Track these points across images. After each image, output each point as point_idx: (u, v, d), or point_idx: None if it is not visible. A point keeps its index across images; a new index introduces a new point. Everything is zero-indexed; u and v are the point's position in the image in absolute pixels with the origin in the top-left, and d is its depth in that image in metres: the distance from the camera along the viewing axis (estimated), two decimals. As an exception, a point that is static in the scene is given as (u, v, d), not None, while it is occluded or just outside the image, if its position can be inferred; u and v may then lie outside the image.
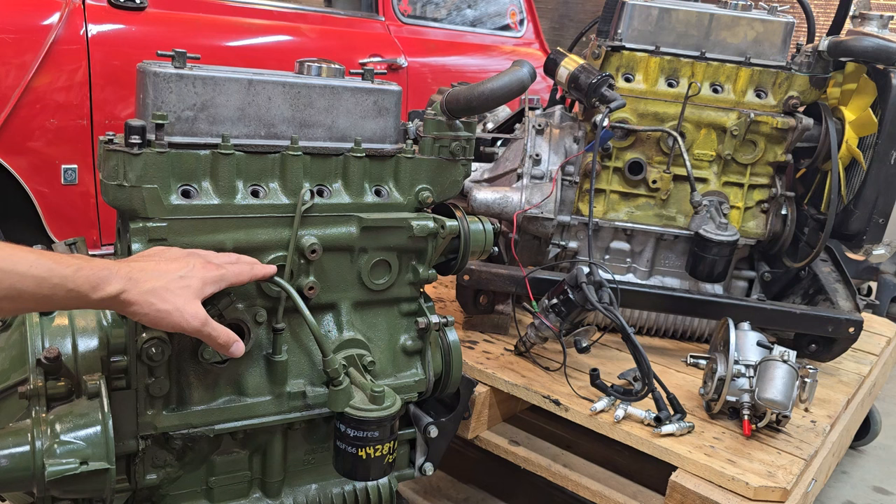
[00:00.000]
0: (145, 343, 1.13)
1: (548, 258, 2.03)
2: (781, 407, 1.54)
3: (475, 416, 1.73)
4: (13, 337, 1.19)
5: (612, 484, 1.66)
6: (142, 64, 1.18)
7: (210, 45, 2.75)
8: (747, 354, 1.62)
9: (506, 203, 1.95)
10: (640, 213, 2.03)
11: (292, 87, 1.26)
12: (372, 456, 1.21)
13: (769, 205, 2.03)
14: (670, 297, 1.94)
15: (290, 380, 1.29)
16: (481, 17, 3.93)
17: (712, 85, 1.98)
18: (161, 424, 1.19)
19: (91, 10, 2.47)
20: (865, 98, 1.92)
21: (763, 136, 1.97)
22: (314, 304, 1.30)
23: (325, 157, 1.29)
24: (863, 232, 1.94)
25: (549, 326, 1.74)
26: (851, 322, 1.87)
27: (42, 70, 2.34)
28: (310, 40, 3.08)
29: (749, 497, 1.41)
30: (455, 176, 1.41)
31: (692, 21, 1.96)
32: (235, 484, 1.33)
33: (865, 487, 2.44)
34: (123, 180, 1.12)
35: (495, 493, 2.13)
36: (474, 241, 1.44)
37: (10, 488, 1.02)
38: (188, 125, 1.19)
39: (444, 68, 3.62)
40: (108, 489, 1.05)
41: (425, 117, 1.39)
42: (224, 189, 1.20)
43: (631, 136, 1.98)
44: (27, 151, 2.39)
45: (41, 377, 1.08)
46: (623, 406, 1.61)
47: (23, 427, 1.03)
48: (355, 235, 1.31)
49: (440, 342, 1.46)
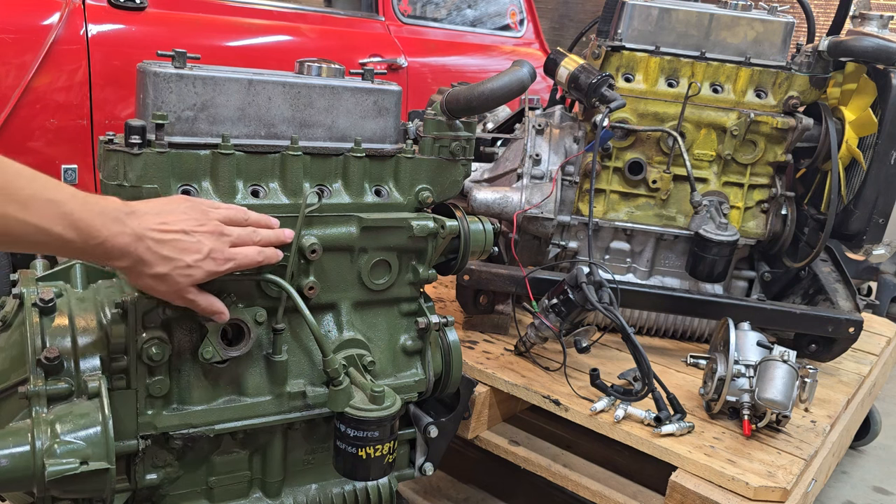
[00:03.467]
0: (145, 343, 1.13)
1: (548, 258, 2.03)
2: (781, 407, 1.54)
3: (475, 416, 1.73)
4: (13, 337, 1.19)
5: (612, 484, 1.66)
6: (142, 64, 1.18)
7: (210, 45, 2.75)
8: (747, 354, 1.62)
9: (506, 203, 1.95)
10: (640, 213, 2.03)
11: (292, 87, 1.26)
12: (372, 456, 1.21)
13: (769, 205, 2.03)
14: (670, 297, 1.94)
15: (290, 380, 1.29)
16: (481, 17, 3.93)
17: (712, 85, 1.98)
18: (161, 424, 1.19)
19: (91, 10, 2.47)
20: (865, 98, 1.92)
21: (763, 136, 1.97)
22: (314, 304, 1.30)
23: (325, 157, 1.29)
24: (863, 232, 1.94)
25: (549, 326, 1.74)
26: (851, 322, 1.87)
27: (42, 70, 2.34)
28: (310, 40, 3.08)
29: (749, 497, 1.41)
30: (455, 176, 1.41)
31: (692, 21, 1.96)
32: (235, 484, 1.33)
33: (865, 487, 2.44)
34: (123, 180, 1.13)
35: (495, 493, 2.13)
36: (474, 241, 1.44)
37: (10, 488, 1.01)
38: (188, 125, 1.19)
39: (444, 68, 3.62)
40: (109, 489, 1.05)
41: (425, 117, 1.39)
42: (224, 189, 1.20)
43: (631, 136, 1.98)
44: (27, 151, 2.38)
45: (41, 377, 1.08)
46: (623, 406, 1.61)
47: (23, 427, 1.03)
48: (355, 235, 1.31)
49: (440, 342, 1.46)
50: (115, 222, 0.98)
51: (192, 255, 1.05)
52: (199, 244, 1.06)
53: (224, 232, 1.10)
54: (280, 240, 1.18)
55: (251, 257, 1.13)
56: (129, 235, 0.99)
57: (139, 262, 1.01)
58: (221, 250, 1.08)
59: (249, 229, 1.14)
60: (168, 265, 1.04)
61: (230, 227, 1.11)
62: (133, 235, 1.00)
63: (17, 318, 1.21)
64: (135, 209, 1.03)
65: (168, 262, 1.04)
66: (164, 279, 1.04)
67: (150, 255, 1.02)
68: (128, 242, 0.99)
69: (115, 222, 0.98)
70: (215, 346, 1.16)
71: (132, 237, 1.00)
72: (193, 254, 1.06)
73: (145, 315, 1.15)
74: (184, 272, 1.05)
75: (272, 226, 1.19)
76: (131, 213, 1.01)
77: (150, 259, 1.02)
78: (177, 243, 1.04)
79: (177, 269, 1.04)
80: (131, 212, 1.02)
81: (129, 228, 0.99)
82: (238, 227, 1.13)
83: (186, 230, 1.06)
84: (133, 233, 1.00)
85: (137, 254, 1.01)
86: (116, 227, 0.98)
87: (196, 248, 1.06)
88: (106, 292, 1.24)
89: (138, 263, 1.02)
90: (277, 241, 1.18)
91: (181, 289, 1.07)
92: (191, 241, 1.06)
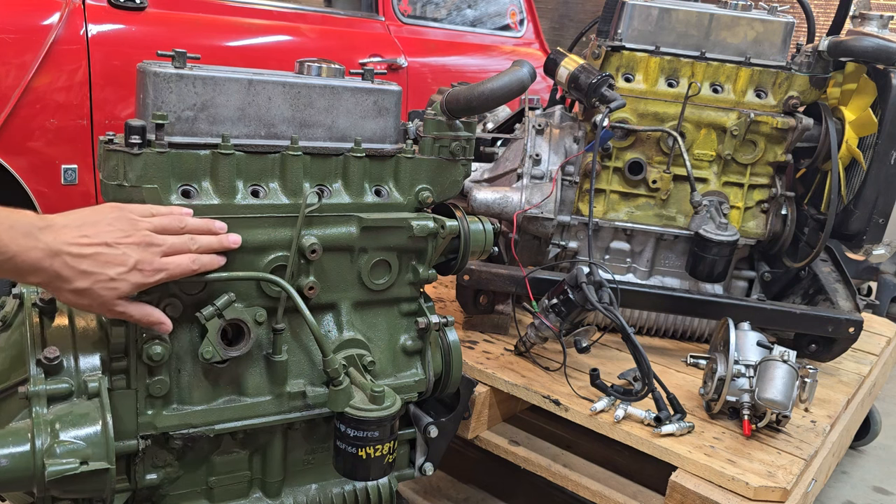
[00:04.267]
0: (145, 343, 1.13)
1: (548, 258, 2.03)
2: (781, 407, 1.54)
3: (475, 416, 1.73)
4: (13, 337, 1.19)
5: (612, 484, 1.66)
6: (142, 64, 1.18)
7: (210, 45, 2.75)
8: (747, 354, 1.62)
9: (506, 203, 1.95)
10: (640, 213, 2.03)
11: (292, 87, 1.26)
12: (372, 456, 1.21)
13: (769, 205, 2.03)
14: (670, 297, 1.94)
15: (290, 380, 1.29)
16: (481, 17, 3.93)
17: (712, 85, 1.98)
18: (161, 424, 1.19)
19: (91, 10, 2.47)
20: (865, 98, 1.92)
21: (763, 136, 1.97)
22: (314, 304, 1.30)
23: (325, 157, 1.29)
24: (863, 232, 1.94)
25: (549, 326, 1.74)
26: (851, 322, 1.87)
27: (42, 70, 2.34)
28: (310, 40, 3.08)
29: (749, 497, 1.41)
30: (455, 176, 1.41)
31: (692, 21, 1.96)
32: (235, 484, 1.33)
33: (865, 487, 2.44)
34: (123, 180, 1.12)
35: (495, 493, 2.13)
36: (474, 241, 1.44)
37: (10, 488, 1.01)
38: (188, 125, 1.19)
39: (444, 68, 3.62)
40: (108, 489, 1.05)
41: (425, 117, 1.39)
42: (224, 189, 1.20)
43: (631, 136, 1.98)
44: (27, 151, 2.38)
45: (41, 377, 1.08)
46: (623, 406, 1.61)
47: (23, 427, 1.03)
48: (355, 235, 1.31)
49: (440, 342, 1.46)
50: (25, 237, 0.95)
51: (116, 269, 1.02)
52: (123, 256, 1.03)
53: (153, 242, 1.06)
54: (223, 245, 1.14)
55: (184, 266, 1.09)
56: (42, 251, 0.96)
57: (55, 277, 0.98)
58: (150, 261, 1.05)
59: (186, 237, 1.10)
60: (88, 280, 1.00)
61: (161, 237, 1.07)
62: (46, 251, 0.97)
63: (17, 318, 1.21)
64: (51, 223, 0.99)
65: (88, 277, 1.00)
66: (86, 294, 1.01)
67: (68, 270, 0.98)
68: (39, 258, 0.96)
69: (25, 237, 0.95)
70: (215, 346, 1.16)
71: (45, 252, 0.97)
72: (117, 266, 1.02)
73: (145, 315, 1.15)
74: (107, 286, 1.02)
75: (215, 231, 1.14)
76: (46, 227, 0.98)
77: (68, 274, 0.99)
78: (98, 257, 1.01)
79: (98, 282, 1.01)
80: (46, 226, 0.98)
81: (41, 244, 0.96)
82: (172, 236, 1.08)
83: (109, 242, 1.02)
84: (47, 248, 0.97)
85: (53, 269, 0.97)
86: (27, 242, 0.95)
87: (120, 261, 1.02)
88: (106, 292, 1.24)
89: (54, 279, 0.98)
90: (220, 247, 1.14)
91: (106, 302, 1.03)
92: (114, 253, 1.02)
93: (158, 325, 1.11)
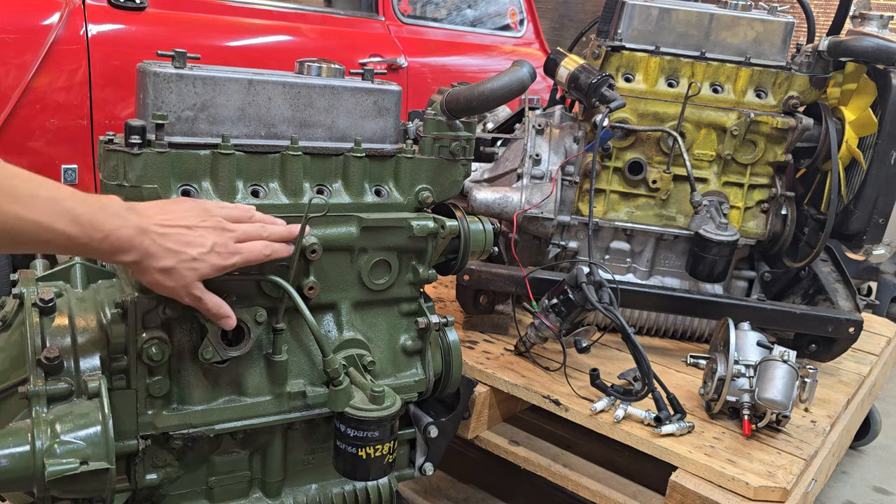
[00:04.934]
0: (145, 343, 1.13)
1: (548, 258, 2.03)
2: (781, 407, 1.54)
3: (475, 416, 1.73)
4: (13, 337, 1.19)
5: (612, 484, 1.66)
6: (142, 64, 1.18)
7: (210, 45, 2.75)
8: (747, 354, 1.62)
9: (506, 203, 1.95)
10: (640, 213, 2.03)
11: (292, 87, 1.26)
12: (372, 456, 1.21)
13: (769, 205, 2.03)
14: (670, 297, 1.94)
15: (290, 380, 1.29)
16: (481, 17, 3.93)
17: (712, 85, 1.98)
18: (161, 424, 1.19)
19: (91, 10, 2.47)
20: (865, 98, 1.92)
21: (763, 136, 1.97)
22: (314, 304, 1.30)
23: (325, 157, 1.29)
24: (863, 232, 1.94)
25: (549, 326, 1.74)
26: (851, 322, 1.87)
27: (42, 70, 2.34)
28: (310, 40, 3.08)
29: (749, 497, 1.41)
30: (455, 176, 1.41)
31: (692, 21, 1.96)
32: (235, 484, 1.33)
33: (865, 487, 2.44)
34: (123, 180, 1.13)
35: (495, 493, 2.13)
36: (474, 241, 1.44)
37: (10, 488, 1.02)
38: (188, 125, 1.19)
39: (444, 68, 3.62)
40: (109, 489, 1.05)
41: (425, 117, 1.39)
42: (224, 189, 1.20)
43: (631, 136, 1.98)
44: (27, 151, 2.39)
45: (41, 377, 1.08)
46: (623, 406, 1.61)
47: (23, 427, 1.03)
48: (355, 235, 1.31)
49: (440, 342, 1.46)
50: (116, 216, 0.99)
51: (197, 248, 1.06)
52: (202, 238, 1.07)
53: (227, 227, 1.10)
54: (292, 234, 1.19)
55: (258, 251, 1.13)
56: (133, 228, 1.00)
57: (146, 254, 1.02)
58: (226, 244, 1.09)
59: (257, 225, 1.15)
60: (173, 258, 1.04)
61: (234, 224, 1.12)
62: (136, 228, 1.00)
63: (17, 318, 1.21)
64: (134, 206, 1.04)
65: (173, 256, 1.04)
66: (171, 273, 1.05)
67: (156, 247, 1.02)
68: (132, 235, 1.00)
69: (116, 216, 0.99)
70: (215, 346, 1.16)
71: (135, 230, 1.00)
72: (197, 247, 1.06)
73: (145, 315, 1.15)
74: (189, 265, 1.05)
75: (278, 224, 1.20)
76: (131, 209, 1.02)
77: (156, 251, 1.02)
78: (180, 237, 1.05)
79: (182, 262, 1.05)
80: (131, 208, 1.02)
81: (131, 222, 1.00)
82: (243, 224, 1.13)
83: (189, 225, 1.06)
84: (136, 226, 1.00)
85: (144, 246, 1.01)
86: (119, 221, 0.99)
87: (199, 242, 1.06)
88: (106, 292, 1.24)
89: (145, 257, 1.02)
90: (289, 236, 1.19)
91: (188, 283, 1.07)
92: (194, 234, 1.06)
93: (226, 319, 1.14)
